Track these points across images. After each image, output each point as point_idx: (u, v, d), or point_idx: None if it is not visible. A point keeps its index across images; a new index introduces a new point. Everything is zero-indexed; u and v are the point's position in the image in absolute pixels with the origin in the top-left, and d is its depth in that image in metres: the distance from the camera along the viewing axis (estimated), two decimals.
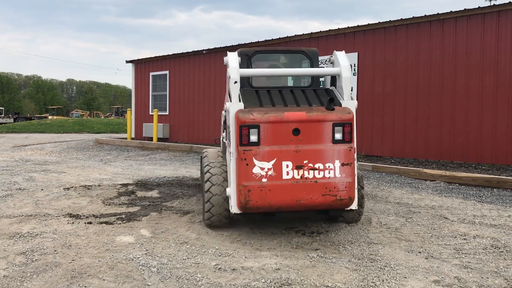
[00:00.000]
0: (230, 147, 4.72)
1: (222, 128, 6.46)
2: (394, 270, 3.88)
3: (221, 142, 6.56)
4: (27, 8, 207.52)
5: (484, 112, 9.86)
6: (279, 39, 13.66)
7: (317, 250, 4.46)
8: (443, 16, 10.39)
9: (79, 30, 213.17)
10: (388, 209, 6.26)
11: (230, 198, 4.61)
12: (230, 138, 4.71)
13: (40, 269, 3.83)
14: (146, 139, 17.47)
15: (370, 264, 4.04)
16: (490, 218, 5.77)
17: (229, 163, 4.76)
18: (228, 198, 4.81)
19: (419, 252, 4.42)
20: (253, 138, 4.46)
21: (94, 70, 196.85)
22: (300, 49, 5.99)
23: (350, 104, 4.81)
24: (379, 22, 11.50)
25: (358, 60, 11.85)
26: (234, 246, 4.57)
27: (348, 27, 12.06)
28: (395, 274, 3.79)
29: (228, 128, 4.83)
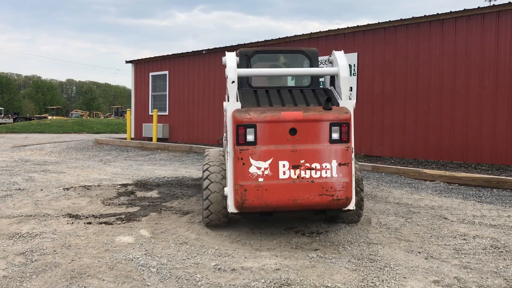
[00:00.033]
0: (227, 147, 4.73)
1: (224, 128, 6.47)
2: (394, 270, 3.88)
3: (223, 142, 6.57)
4: (27, 8, 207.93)
5: (483, 112, 9.87)
6: (279, 39, 13.66)
7: (316, 250, 4.46)
8: (443, 16, 10.39)
9: (79, 30, 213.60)
10: (387, 209, 6.26)
11: (227, 197, 4.62)
12: (227, 137, 4.71)
13: (39, 269, 3.83)
14: (146, 139, 17.45)
15: (369, 264, 4.04)
16: (489, 218, 5.77)
17: (226, 163, 4.77)
18: (226, 196, 4.82)
19: (419, 252, 4.42)
20: (249, 138, 4.47)
21: (93, 70, 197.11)
22: (299, 49, 5.98)
23: (348, 104, 4.81)
24: (379, 22, 11.50)
25: (358, 60, 11.85)
26: (234, 246, 4.57)
27: (347, 27, 12.05)
28: (395, 274, 3.79)
29: (225, 127, 4.84)
